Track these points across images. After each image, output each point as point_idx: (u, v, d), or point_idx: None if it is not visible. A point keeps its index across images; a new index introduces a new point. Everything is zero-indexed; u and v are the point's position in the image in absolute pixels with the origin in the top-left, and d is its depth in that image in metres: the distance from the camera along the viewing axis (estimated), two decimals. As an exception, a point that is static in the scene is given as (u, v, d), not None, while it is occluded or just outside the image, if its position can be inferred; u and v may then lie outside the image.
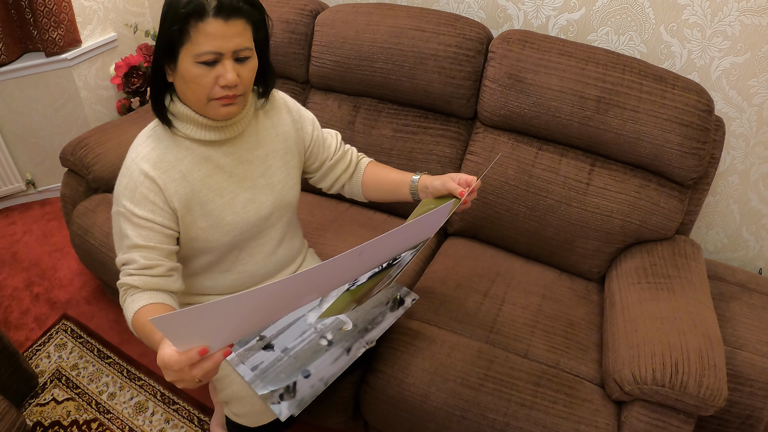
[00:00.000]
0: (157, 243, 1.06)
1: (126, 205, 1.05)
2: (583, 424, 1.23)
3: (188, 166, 1.09)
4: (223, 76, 0.98)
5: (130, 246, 1.05)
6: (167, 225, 1.07)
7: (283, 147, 1.23)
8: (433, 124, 1.75)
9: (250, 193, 1.17)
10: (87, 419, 1.67)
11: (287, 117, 1.25)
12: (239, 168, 1.16)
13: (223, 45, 0.96)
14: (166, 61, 1.00)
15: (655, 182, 1.55)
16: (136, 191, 1.05)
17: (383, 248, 0.93)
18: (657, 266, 1.48)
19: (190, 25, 0.95)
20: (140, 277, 1.04)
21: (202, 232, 1.12)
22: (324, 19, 1.81)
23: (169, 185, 1.07)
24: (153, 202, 1.05)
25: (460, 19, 1.68)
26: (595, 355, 1.39)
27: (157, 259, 1.05)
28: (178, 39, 0.96)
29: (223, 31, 0.95)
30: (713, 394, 1.14)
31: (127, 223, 1.05)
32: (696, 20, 1.56)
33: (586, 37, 1.72)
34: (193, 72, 0.98)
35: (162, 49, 0.99)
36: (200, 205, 1.11)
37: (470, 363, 1.33)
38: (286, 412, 1.10)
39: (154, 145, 1.08)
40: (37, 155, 2.43)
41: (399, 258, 1.08)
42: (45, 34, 2.12)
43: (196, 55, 0.96)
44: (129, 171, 1.06)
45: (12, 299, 2.07)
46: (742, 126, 1.67)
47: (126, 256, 1.05)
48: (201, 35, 0.95)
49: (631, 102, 1.48)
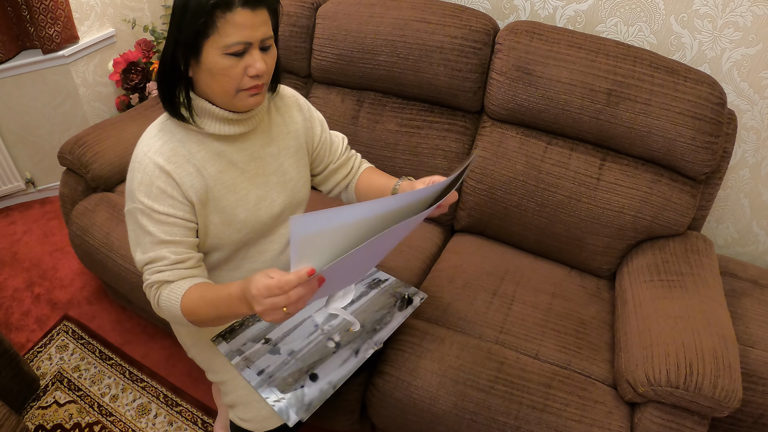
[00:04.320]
0: (182, 237, 1.04)
1: (144, 201, 1.02)
2: (596, 427, 1.20)
3: (201, 161, 1.07)
4: (252, 65, 0.97)
5: (156, 243, 1.03)
6: (188, 218, 1.05)
7: (295, 144, 1.22)
8: (439, 119, 1.72)
9: (262, 190, 1.15)
10: (89, 422, 1.65)
11: (298, 115, 1.24)
12: (251, 164, 1.14)
13: (252, 34, 0.95)
14: (185, 55, 0.97)
15: (667, 177, 1.51)
16: (152, 186, 1.02)
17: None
18: (669, 263, 1.45)
19: (216, 16, 0.92)
20: (173, 272, 1.03)
21: (214, 227, 1.10)
22: (325, 11, 1.77)
23: (185, 179, 1.04)
24: (171, 196, 1.03)
25: (465, 10, 1.65)
26: (607, 355, 1.37)
27: (186, 252, 1.04)
28: (203, 31, 0.93)
29: (252, 21, 0.94)
30: (728, 395, 1.12)
31: (148, 219, 1.02)
32: (707, 11, 1.53)
33: (595, 28, 1.68)
34: (222, 64, 0.96)
35: (182, 43, 0.96)
36: (214, 200, 1.09)
37: (480, 364, 1.31)
38: (294, 417, 1.08)
39: (166, 138, 1.05)
40: (36, 154, 2.41)
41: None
42: (42, 31, 2.09)
43: (225, 46, 0.94)
44: (142, 165, 1.03)
45: (13, 300, 2.04)
46: (753, 119, 1.64)
47: (152, 254, 1.03)
48: (229, 26, 0.93)
49: (643, 95, 1.44)
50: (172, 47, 0.98)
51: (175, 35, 0.96)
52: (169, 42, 0.98)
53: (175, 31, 0.96)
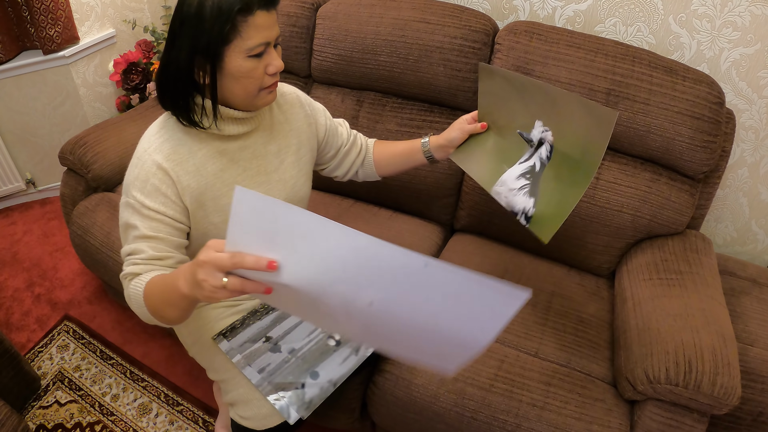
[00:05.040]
0: (166, 234, 1.04)
1: (136, 196, 1.02)
2: (595, 424, 1.21)
3: (202, 160, 1.07)
4: (272, 63, 1.01)
5: (138, 236, 1.02)
6: (178, 218, 1.05)
7: (296, 142, 1.23)
8: (439, 118, 1.73)
9: (264, 188, 1.16)
10: (90, 421, 1.66)
11: (300, 112, 1.25)
12: (253, 162, 1.14)
13: (270, 34, 0.99)
14: (204, 63, 0.97)
15: (666, 176, 1.52)
16: (147, 182, 1.02)
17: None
18: (668, 262, 1.46)
19: (238, 21, 0.94)
20: (146, 266, 1.01)
21: (214, 227, 1.10)
22: (326, 11, 1.78)
23: (183, 178, 1.04)
24: (165, 195, 1.03)
25: (465, 10, 1.65)
26: (607, 353, 1.37)
27: (166, 251, 1.03)
28: (225, 38, 0.94)
29: (269, 21, 0.98)
30: (727, 392, 1.12)
31: (136, 215, 1.02)
32: (705, 10, 1.53)
33: (594, 28, 1.69)
34: (246, 66, 0.98)
35: (201, 51, 0.95)
36: (213, 199, 1.09)
37: (480, 362, 1.31)
38: (295, 415, 1.08)
39: (167, 136, 1.06)
40: (36, 154, 2.41)
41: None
42: (42, 32, 2.09)
43: (248, 49, 0.96)
44: (141, 162, 1.04)
45: (13, 300, 2.05)
46: (751, 118, 1.65)
47: (132, 246, 1.03)
48: (251, 29, 0.95)
49: (642, 94, 1.45)
50: (188, 57, 0.96)
51: (191, 44, 0.95)
52: (180, 52, 0.97)
53: (190, 40, 0.95)
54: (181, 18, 0.95)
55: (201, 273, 0.77)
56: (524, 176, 1.25)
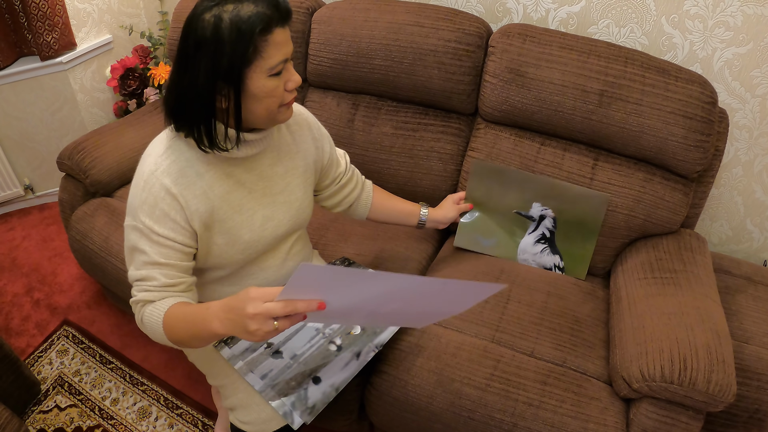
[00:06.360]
0: (176, 261, 1.03)
1: (145, 222, 1.00)
2: (591, 423, 1.21)
3: (209, 182, 1.05)
4: (291, 79, 1.00)
5: (148, 263, 1.02)
6: (187, 243, 1.04)
7: (303, 164, 1.21)
8: (434, 121, 1.74)
9: (269, 210, 1.15)
10: (90, 425, 1.66)
11: (308, 134, 1.23)
12: (259, 184, 1.13)
13: (288, 50, 0.97)
14: (226, 87, 0.93)
15: (660, 176, 1.53)
16: (156, 207, 1.00)
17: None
18: (663, 261, 1.47)
19: (258, 41, 0.91)
20: (160, 293, 1.02)
21: (217, 248, 1.10)
22: (321, 16, 1.79)
23: (191, 202, 1.02)
24: (174, 220, 1.01)
25: (458, 13, 1.66)
26: (602, 352, 1.38)
27: (178, 277, 1.04)
28: (247, 60, 0.91)
29: (286, 37, 0.96)
30: (722, 389, 1.13)
31: (145, 240, 1.01)
32: (697, 11, 1.55)
33: (587, 29, 1.70)
34: (269, 86, 0.96)
35: (224, 76, 0.91)
36: (219, 222, 1.08)
37: (476, 363, 1.32)
38: (298, 420, 1.08)
39: (174, 158, 1.02)
40: (34, 160, 2.42)
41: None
42: (39, 38, 2.10)
43: (270, 68, 0.94)
44: (148, 185, 1.00)
45: (12, 305, 2.05)
46: (745, 117, 1.66)
47: (143, 272, 1.02)
48: (271, 47, 0.93)
49: (634, 95, 1.46)
50: (208, 82, 0.92)
51: (211, 69, 0.91)
52: (198, 78, 0.92)
53: (209, 65, 0.91)
54: (196, 41, 0.91)
55: (253, 324, 0.83)
56: (539, 242, 1.59)
